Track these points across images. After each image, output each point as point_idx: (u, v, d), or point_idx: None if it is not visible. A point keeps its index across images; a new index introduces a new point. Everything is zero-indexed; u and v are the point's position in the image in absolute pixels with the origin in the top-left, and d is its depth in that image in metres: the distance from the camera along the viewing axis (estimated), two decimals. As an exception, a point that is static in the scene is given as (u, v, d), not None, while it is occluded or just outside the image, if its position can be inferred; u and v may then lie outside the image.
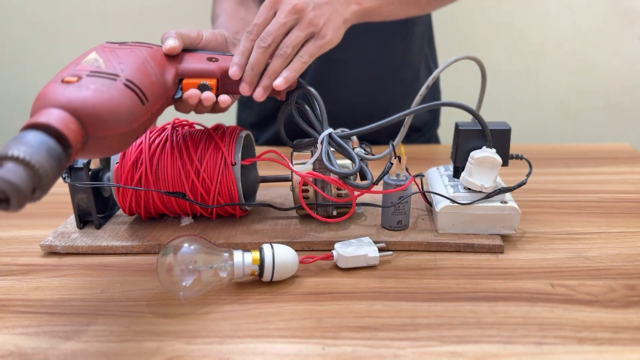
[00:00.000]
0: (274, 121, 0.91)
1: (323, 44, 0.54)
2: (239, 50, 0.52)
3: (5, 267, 0.51)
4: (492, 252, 0.51)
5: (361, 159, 0.51)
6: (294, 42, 0.52)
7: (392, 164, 0.52)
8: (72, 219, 0.59)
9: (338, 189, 0.54)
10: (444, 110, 1.00)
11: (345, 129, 0.55)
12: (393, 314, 0.42)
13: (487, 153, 0.51)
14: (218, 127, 0.56)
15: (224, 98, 0.50)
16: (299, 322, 0.42)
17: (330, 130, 0.52)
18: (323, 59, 0.57)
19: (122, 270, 0.50)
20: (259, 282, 0.47)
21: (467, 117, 0.55)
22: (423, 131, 0.96)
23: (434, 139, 0.99)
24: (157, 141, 0.54)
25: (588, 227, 0.56)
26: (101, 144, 0.40)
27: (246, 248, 0.49)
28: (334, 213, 0.56)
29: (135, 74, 0.43)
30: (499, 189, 0.52)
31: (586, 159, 0.79)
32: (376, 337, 0.40)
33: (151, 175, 0.53)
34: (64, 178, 0.54)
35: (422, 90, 0.55)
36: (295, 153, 0.55)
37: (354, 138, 0.58)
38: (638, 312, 0.41)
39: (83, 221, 0.57)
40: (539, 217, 0.58)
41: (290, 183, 0.56)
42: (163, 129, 0.55)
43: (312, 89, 0.53)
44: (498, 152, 0.51)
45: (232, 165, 0.52)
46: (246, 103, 0.97)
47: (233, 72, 0.50)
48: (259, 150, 0.58)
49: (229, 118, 1.06)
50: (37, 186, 0.33)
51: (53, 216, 0.61)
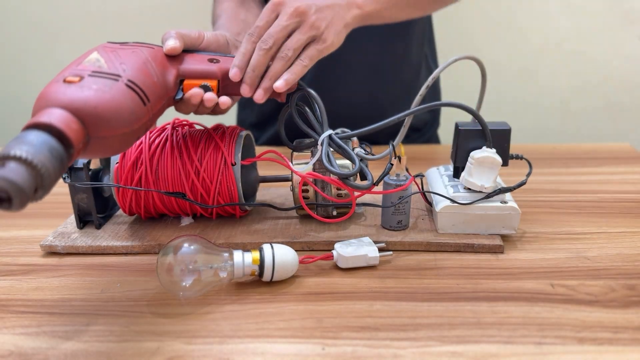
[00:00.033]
0: (274, 121, 0.91)
1: (324, 48, 0.54)
2: (240, 52, 0.51)
3: (5, 267, 0.51)
4: (492, 252, 0.51)
5: (361, 159, 0.51)
6: (295, 45, 0.52)
7: (392, 164, 0.52)
8: (72, 219, 0.59)
9: (338, 189, 0.54)
10: (444, 110, 1.00)
11: (345, 129, 0.56)
12: (393, 314, 0.42)
13: (487, 153, 0.51)
14: (218, 127, 0.56)
15: (225, 99, 0.51)
16: (299, 322, 0.42)
17: (330, 131, 0.52)
18: (323, 60, 0.57)
19: (122, 270, 0.50)
20: (259, 282, 0.47)
21: (467, 117, 0.55)
22: (423, 131, 0.96)
23: (434, 139, 0.99)
24: (157, 141, 0.54)
25: (588, 227, 0.56)
26: (103, 144, 0.40)
27: (246, 248, 0.49)
28: (334, 213, 0.56)
29: (136, 75, 0.43)
30: (499, 189, 0.52)
31: (586, 159, 0.79)
32: (376, 337, 0.40)
33: (151, 175, 0.53)
34: (64, 178, 0.54)
35: (422, 90, 0.55)
36: (295, 153, 0.55)
37: (354, 138, 0.58)
38: (638, 312, 0.41)
39: (83, 221, 0.57)
40: (539, 217, 0.58)
41: (290, 183, 0.56)
42: (163, 129, 0.55)
43: (312, 91, 0.53)
44: (498, 152, 0.51)
45: (232, 165, 0.53)
46: (246, 103, 0.97)
47: (234, 74, 0.50)
48: (259, 150, 0.58)
49: (229, 118, 1.06)
50: (39, 186, 0.33)
51: (53, 216, 0.61)
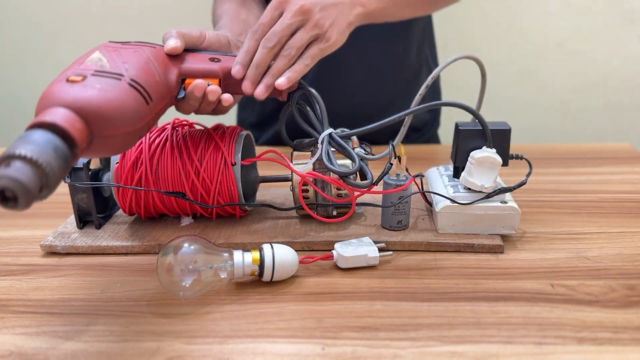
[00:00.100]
0: (274, 121, 0.91)
1: (327, 47, 0.54)
2: (243, 49, 0.51)
3: (5, 267, 0.51)
4: (492, 252, 0.51)
5: (361, 159, 0.51)
6: (299, 44, 0.52)
7: (392, 164, 0.52)
8: (72, 219, 0.59)
9: (338, 189, 0.54)
10: (444, 110, 1.00)
11: (345, 129, 0.56)
12: (393, 314, 0.42)
13: (487, 153, 0.51)
14: (218, 127, 0.56)
15: (227, 96, 0.50)
16: (299, 322, 0.42)
17: (330, 130, 0.52)
18: (324, 60, 0.57)
19: (122, 270, 0.50)
20: (259, 282, 0.47)
21: (468, 117, 0.55)
22: (423, 131, 0.95)
23: (434, 139, 0.99)
24: (157, 141, 0.54)
25: (588, 227, 0.56)
26: (106, 143, 0.40)
27: (246, 248, 0.49)
28: (334, 213, 0.56)
29: (139, 74, 0.43)
30: (499, 189, 0.52)
31: (586, 159, 0.78)
32: (376, 337, 0.40)
33: (151, 175, 0.53)
34: (64, 178, 0.54)
35: (422, 89, 0.55)
36: (295, 153, 0.55)
37: (354, 138, 0.58)
38: (638, 312, 0.41)
39: (83, 221, 0.57)
40: (539, 217, 0.58)
41: (290, 183, 0.56)
42: (163, 129, 0.55)
43: (313, 90, 0.53)
44: (498, 152, 0.51)
45: (232, 165, 0.52)
46: (246, 103, 0.97)
47: (236, 71, 0.50)
48: (259, 150, 0.58)
49: (229, 118, 1.06)
50: (44, 185, 0.33)
51: (53, 216, 0.61)
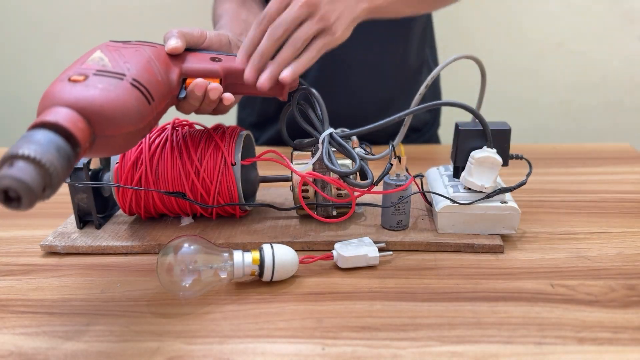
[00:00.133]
0: (274, 121, 0.91)
1: (332, 41, 0.54)
2: (248, 37, 0.51)
3: (5, 267, 0.51)
4: (492, 252, 0.51)
5: (361, 159, 0.51)
6: (305, 36, 0.51)
7: (392, 164, 0.52)
8: (72, 219, 0.59)
9: (338, 189, 0.54)
10: (444, 110, 1.00)
11: (345, 129, 0.56)
12: (393, 314, 0.42)
13: (488, 153, 0.51)
14: (218, 127, 0.56)
15: (228, 95, 0.50)
16: (299, 322, 0.42)
17: (331, 130, 0.52)
18: (325, 60, 0.57)
19: (122, 270, 0.50)
20: (259, 282, 0.47)
21: (468, 117, 0.55)
22: (423, 131, 0.95)
23: (434, 139, 0.99)
24: (157, 141, 0.54)
25: (588, 227, 0.56)
26: (108, 143, 0.40)
27: (246, 248, 0.49)
28: (334, 213, 0.56)
29: (141, 74, 0.43)
30: (499, 189, 0.52)
31: (586, 159, 0.78)
32: (376, 337, 0.40)
33: (151, 175, 0.53)
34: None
35: (422, 89, 0.55)
36: (295, 153, 0.55)
37: (354, 138, 0.58)
38: (638, 312, 0.41)
39: (83, 221, 0.57)
40: (539, 217, 0.58)
41: (290, 183, 0.56)
42: (163, 129, 0.55)
43: (314, 90, 0.53)
44: (498, 152, 0.51)
45: (232, 165, 0.52)
46: (246, 103, 0.97)
47: (240, 59, 0.50)
48: (259, 150, 0.58)
49: (229, 118, 1.06)
50: (48, 185, 0.33)
51: (53, 216, 0.61)
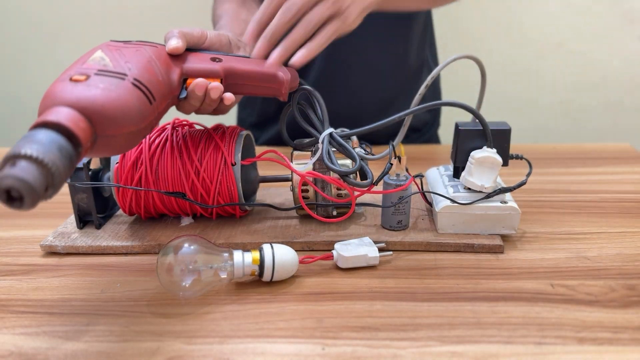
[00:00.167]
0: (274, 121, 0.91)
1: (343, 27, 0.53)
2: (259, 14, 0.50)
3: (5, 267, 0.51)
4: (492, 252, 0.51)
5: (361, 159, 0.51)
6: (317, 19, 0.50)
7: (392, 164, 0.52)
8: (72, 219, 0.59)
9: (338, 189, 0.54)
10: (444, 110, 1.00)
11: (345, 129, 0.56)
12: (393, 314, 0.42)
13: (488, 153, 0.51)
14: (218, 127, 0.56)
15: (229, 95, 0.50)
16: (299, 322, 0.42)
17: (331, 129, 0.52)
18: (325, 60, 0.57)
19: (122, 270, 0.50)
20: (259, 282, 0.47)
21: (468, 117, 0.55)
22: (423, 131, 0.96)
23: (434, 139, 0.99)
24: (157, 141, 0.54)
25: (588, 227, 0.56)
26: (109, 143, 0.40)
27: (246, 248, 0.49)
28: (334, 213, 0.56)
29: (142, 73, 0.43)
30: (499, 189, 0.52)
31: (586, 159, 0.78)
32: (376, 337, 0.40)
33: (151, 175, 0.53)
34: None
35: (422, 89, 0.55)
36: (295, 153, 0.55)
37: (354, 138, 0.58)
38: (638, 312, 0.41)
39: (83, 221, 0.57)
40: (539, 217, 0.58)
41: (290, 183, 0.56)
42: (163, 129, 0.55)
43: (314, 90, 0.53)
44: (498, 152, 0.51)
45: (232, 165, 0.53)
46: (247, 103, 0.97)
47: (249, 35, 0.49)
48: (259, 150, 0.58)
49: (229, 118, 1.06)
50: (50, 185, 0.33)
51: (53, 216, 0.61)
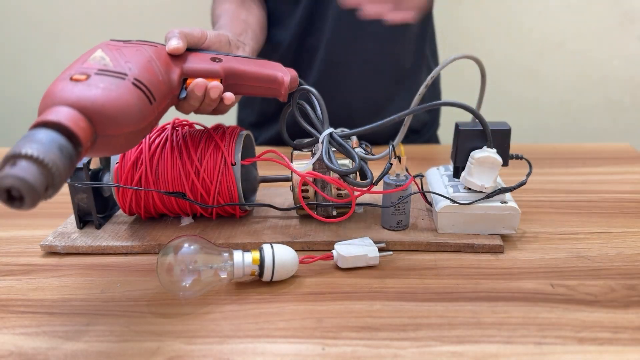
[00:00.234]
0: (274, 121, 0.91)
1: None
2: None
3: (5, 267, 0.51)
4: (492, 252, 0.51)
5: (361, 159, 0.51)
6: None
7: (392, 164, 0.52)
8: (72, 219, 0.59)
9: (338, 189, 0.54)
10: (444, 110, 1.00)
11: (345, 129, 0.56)
12: (393, 314, 0.42)
13: (488, 153, 0.51)
14: (218, 127, 0.56)
15: (229, 94, 0.50)
16: (299, 322, 0.42)
17: (331, 129, 0.52)
18: (324, 61, 0.57)
19: (122, 270, 0.50)
20: (259, 282, 0.47)
21: (468, 117, 0.55)
22: (422, 132, 0.95)
23: (434, 140, 0.99)
24: (157, 141, 0.54)
25: (588, 227, 0.56)
26: (109, 143, 0.40)
27: (246, 248, 0.49)
28: (334, 213, 0.56)
29: (142, 73, 0.43)
30: (499, 189, 0.52)
31: (586, 159, 0.78)
32: (376, 337, 0.40)
33: (151, 175, 0.53)
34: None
35: (421, 89, 0.55)
36: (295, 153, 0.55)
37: (354, 138, 0.58)
38: (638, 312, 0.41)
39: (83, 221, 0.57)
40: (539, 217, 0.58)
41: (290, 183, 0.56)
42: (163, 129, 0.55)
43: (314, 89, 0.53)
44: (498, 152, 0.51)
45: (232, 165, 0.52)
46: (246, 103, 0.97)
47: None
48: (259, 150, 0.58)
49: (229, 118, 1.06)
50: (50, 184, 0.33)
51: (53, 216, 0.61)
